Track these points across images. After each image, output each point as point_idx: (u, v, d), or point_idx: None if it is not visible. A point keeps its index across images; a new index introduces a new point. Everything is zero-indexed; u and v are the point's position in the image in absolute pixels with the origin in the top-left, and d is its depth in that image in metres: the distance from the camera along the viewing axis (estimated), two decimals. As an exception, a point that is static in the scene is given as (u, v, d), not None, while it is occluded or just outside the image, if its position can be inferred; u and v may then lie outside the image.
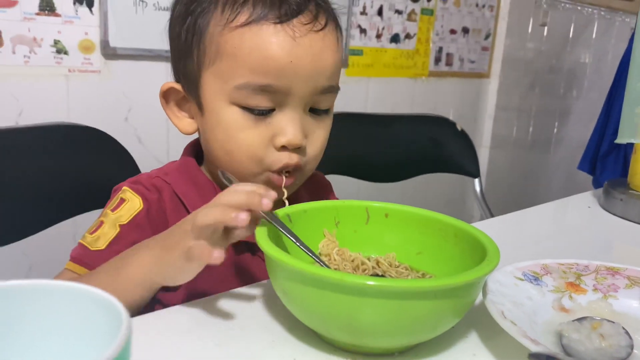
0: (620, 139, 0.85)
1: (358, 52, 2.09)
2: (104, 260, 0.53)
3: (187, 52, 0.60)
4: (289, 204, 0.55)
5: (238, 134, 0.57)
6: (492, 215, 1.38)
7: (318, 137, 0.61)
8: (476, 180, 1.42)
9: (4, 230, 0.89)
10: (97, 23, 1.49)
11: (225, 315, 0.49)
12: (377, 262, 0.52)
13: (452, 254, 0.49)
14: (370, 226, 0.55)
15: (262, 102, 0.56)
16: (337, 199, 0.79)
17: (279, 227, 0.47)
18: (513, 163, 2.94)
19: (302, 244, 0.48)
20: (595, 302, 0.52)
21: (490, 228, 0.85)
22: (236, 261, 0.61)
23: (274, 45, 0.54)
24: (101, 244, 0.57)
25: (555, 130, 3.17)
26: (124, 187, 0.62)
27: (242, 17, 0.55)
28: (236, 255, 0.61)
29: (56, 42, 1.45)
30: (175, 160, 0.66)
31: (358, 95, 2.16)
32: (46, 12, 1.41)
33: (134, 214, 0.59)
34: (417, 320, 0.39)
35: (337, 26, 0.61)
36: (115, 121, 1.56)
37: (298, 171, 0.60)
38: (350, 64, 2.07)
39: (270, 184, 0.58)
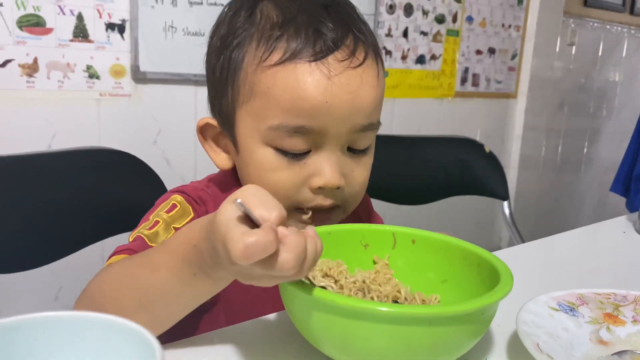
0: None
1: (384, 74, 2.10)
2: None
3: (222, 88, 0.58)
4: None
5: (271, 175, 0.55)
6: (522, 239, 1.35)
7: (358, 176, 0.58)
8: (505, 203, 1.39)
9: (36, 253, 0.91)
10: (127, 48, 1.53)
11: (261, 343, 0.48)
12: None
13: (475, 283, 0.48)
14: (397, 251, 0.55)
15: (297, 145, 0.54)
16: (377, 214, 0.77)
17: None
18: (542, 184, 2.89)
19: None
20: (635, 334, 0.50)
21: (521, 254, 0.84)
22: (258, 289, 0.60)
23: (308, 84, 0.52)
24: (160, 242, 0.55)
25: (585, 150, 3.12)
26: (174, 195, 0.61)
27: (276, 55, 0.53)
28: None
29: (89, 67, 1.48)
30: (214, 174, 0.66)
31: (384, 116, 2.15)
32: (80, 38, 1.46)
33: (188, 220, 0.58)
34: (411, 346, 0.39)
35: (378, 58, 0.58)
36: (144, 143, 1.59)
37: (335, 209, 0.58)
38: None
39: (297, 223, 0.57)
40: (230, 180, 0.63)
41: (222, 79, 0.57)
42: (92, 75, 1.50)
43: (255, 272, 0.37)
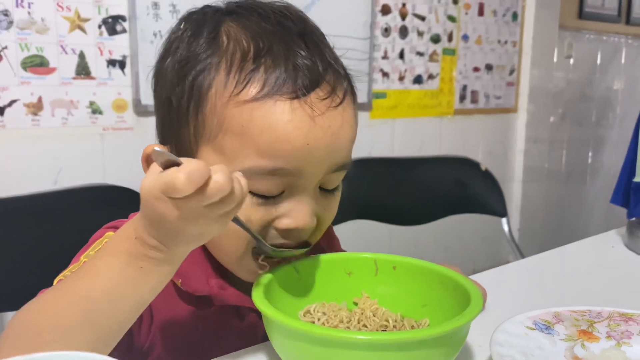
0: (639, 177, 0.85)
1: (381, 95, 2.13)
2: None
3: (180, 119, 0.51)
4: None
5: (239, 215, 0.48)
6: (521, 254, 1.36)
7: (327, 214, 0.55)
8: (504, 220, 1.41)
9: (41, 289, 0.93)
10: (129, 83, 1.57)
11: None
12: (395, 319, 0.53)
13: (452, 307, 0.50)
14: (379, 278, 0.57)
15: (270, 188, 0.49)
16: (338, 240, 0.72)
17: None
18: (548, 196, 2.89)
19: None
20: (609, 350, 0.52)
21: (512, 272, 0.85)
22: (220, 326, 0.57)
23: (289, 125, 0.47)
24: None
25: (589, 160, 3.12)
26: (108, 232, 0.56)
27: (253, 90, 0.47)
28: (220, 321, 0.57)
29: (91, 103, 1.53)
30: None
31: (384, 136, 2.19)
32: (82, 76, 1.51)
33: None
34: None
35: (353, 93, 0.53)
36: (148, 175, 1.63)
37: (298, 247, 0.54)
38: (374, 106, 2.11)
39: (250, 273, 0.53)
40: None
41: (181, 108, 0.51)
42: (95, 110, 1.54)
43: (199, 208, 0.37)
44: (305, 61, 0.49)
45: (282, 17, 0.52)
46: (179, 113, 0.51)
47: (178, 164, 0.37)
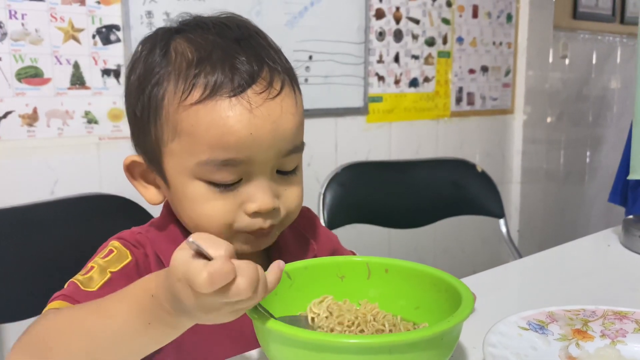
0: (633, 175, 0.85)
1: (377, 99, 2.13)
2: None
3: (144, 127, 0.58)
4: (273, 249, 0.57)
5: (205, 206, 0.56)
6: (519, 255, 1.36)
7: (290, 194, 0.60)
8: (501, 221, 1.41)
9: (43, 299, 0.93)
10: (124, 92, 1.57)
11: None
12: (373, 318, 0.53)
13: (444, 309, 0.50)
14: (371, 281, 0.57)
15: (226, 176, 0.55)
16: (326, 229, 0.78)
17: None
18: (547, 197, 2.89)
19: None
20: (603, 348, 0.51)
21: (508, 272, 0.85)
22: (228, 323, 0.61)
23: (231, 119, 0.53)
24: (94, 286, 0.55)
25: (587, 160, 3.12)
26: (112, 242, 0.61)
27: (196, 94, 0.54)
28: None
29: (87, 113, 1.53)
30: (157, 217, 0.67)
31: (381, 140, 2.19)
32: (77, 86, 1.51)
33: (125, 263, 0.58)
34: None
35: (294, 85, 0.59)
36: (145, 183, 1.63)
37: (272, 228, 0.60)
38: (370, 110, 2.11)
39: (247, 242, 0.59)
40: (167, 218, 0.63)
41: (143, 118, 0.58)
42: (91, 120, 1.54)
43: (215, 302, 0.39)
44: (241, 63, 0.55)
45: (222, 27, 0.59)
46: (142, 124, 0.58)
47: (208, 257, 0.39)
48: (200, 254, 0.39)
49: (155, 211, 1.03)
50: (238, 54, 0.56)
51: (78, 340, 0.45)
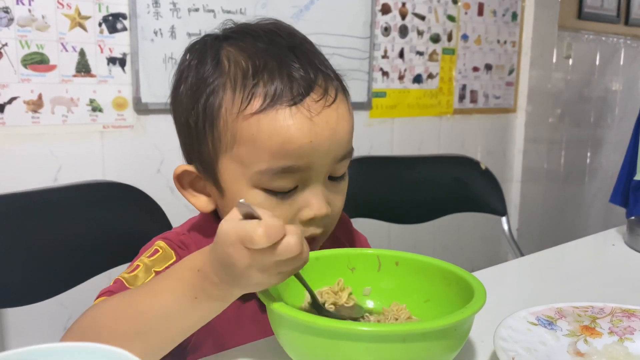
0: (639, 176, 0.85)
1: (381, 94, 2.13)
2: None
3: (199, 138, 0.59)
4: None
5: None
6: (521, 253, 1.36)
7: (338, 201, 0.62)
8: (503, 219, 1.41)
9: (44, 285, 0.94)
10: (129, 81, 1.57)
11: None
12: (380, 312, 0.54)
13: (455, 301, 0.50)
14: (382, 273, 0.57)
15: (285, 184, 0.56)
16: (357, 231, 0.79)
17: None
18: (547, 196, 2.90)
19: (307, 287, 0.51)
20: (611, 345, 0.52)
21: (512, 270, 0.85)
22: (263, 318, 0.59)
23: (291, 128, 0.54)
24: (139, 284, 0.57)
25: (588, 160, 3.13)
26: (157, 241, 0.63)
27: (256, 103, 0.55)
28: (262, 312, 0.61)
29: (92, 101, 1.53)
30: (194, 218, 0.68)
31: (384, 136, 2.19)
32: (82, 73, 1.50)
33: (169, 263, 0.60)
34: None
35: (345, 92, 0.61)
36: (148, 173, 1.63)
37: (320, 235, 0.61)
38: (373, 106, 2.11)
39: None
40: (210, 224, 0.64)
41: (198, 127, 0.58)
42: (95, 108, 1.54)
43: (269, 260, 0.41)
44: (297, 71, 0.56)
45: (273, 35, 0.59)
46: (197, 133, 0.59)
47: (257, 217, 0.42)
48: (248, 217, 0.42)
49: (162, 202, 1.03)
50: (293, 62, 0.57)
51: (127, 321, 0.47)
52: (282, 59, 0.56)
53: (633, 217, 0.92)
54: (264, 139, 0.54)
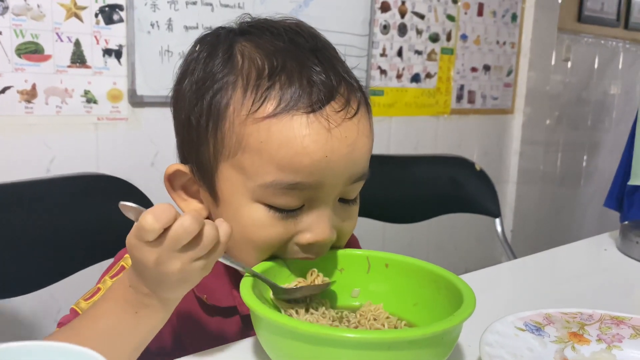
0: (634, 180, 0.85)
1: (379, 93, 2.13)
2: None
3: (200, 137, 0.53)
4: None
5: (259, 231, 0.51)
6: (514, 255, 1.36)
7: (347, 226, 0.56)
8: (497, 220, 1.41)
9: (34, 277, 0.93)
10: (124, 73, 1.56)
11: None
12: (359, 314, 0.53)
13: (444, 306, 0.49)
14: (371, 275, 0.57)
15: (291, 202, 0.50)
16: (354, 235, 0.75)
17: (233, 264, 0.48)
18: (542, 199, 2.90)
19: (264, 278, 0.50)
20: (599, 353, 0.51)
21: (503, 272, 0.85)
22: (246, 335, 0.58)
23: (307, 138, 0.47)
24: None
25: (584, 163, 3.13)
26: (125, 255, 0.57)
27: (269, 107, 0.48)
28: (246, 330, 0.59)
29: (86, 92, 1.52)
30: None
31: (380, 134, 2.18)
32: (77, 64, 1.49)
33: None
34: None
35: (368, 106, 0.54)
36: (142, 166, 1.62)
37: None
38: (371, 104, 2.10)
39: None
40: None
41: (200, 127, 0.52)
42: (90, 100, 1.53)
43: (169, 250, 0.41)
44: (319, 76, 0.50)
45: (294, 35, 0.53)
46: (198, 132, 0.52)
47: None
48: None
49: (156, 195, 1.03)
50: (315, 65, 0.50)
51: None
52: (302, 61, 0.50)
53: (626, 222, 0.91)
54: (273, 148, 0.48)
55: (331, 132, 0.48)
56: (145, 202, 1.02)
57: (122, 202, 0.41)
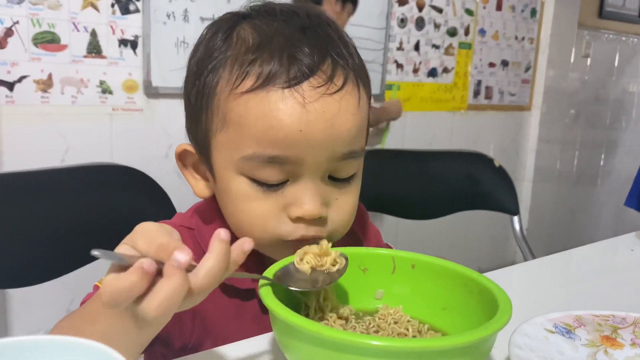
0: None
1: (394, 87, 2.10)
2: None
3: (197, 115, 0.54)
4: None
5: (246, 205, 0.52)
6: (532, 255, 1.33)
7: (342, 204, 0.55)
8: (515, 218, 1.38)
9: (47, 267, 0.92)
10: (140, 64, 1.55)
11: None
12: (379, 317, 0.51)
13: (476, 312, 0.46)
14: (396, 276, 0.54)
15: (272, 175, 0.51)
16: (372, 224, 0.74)
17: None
18: (558, 197, 2.86)
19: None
20: (633, 358, 0.49)
21: (529, 271, 0.83)
22: (264, 317, 0.57)
23: (281, 113, 0.49)
24: None
25: (602, 162, 3.08)
26: None
27: (248, 82, 0.50)
28: (263, 312, 0.58)
29: (102, 83, 1.51)
30: (199, 203, 0.63)
31: (395, 129, 2.16)
32: (93, 54, 1.48)
33: None
34: None
35: (360, 83, 0.54)
36: (156, 157, 1.61)
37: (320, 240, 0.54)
38: (387, 98, 2.08)
39: (284, 255, 0.53)
40: (213, 210, 0.60)
41: (196, 105, 0.54)
42: (105, 90, 1.52)
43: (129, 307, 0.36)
44: (301, 53, 0.51)
45: (290, 15, 0.54)
46: (195, 110, 0.54)
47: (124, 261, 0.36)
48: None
49: (169, 187, 1.01)
50: (300, 42, 0.51)
51: None
52: (289, 38, 0.51)
53: (653, 223, 0.88)
54: (251, 122, 0.50)
55: (306, 107, 0.50)
56: (159, 193, 1.01)
57: (92, 252, 0.35)
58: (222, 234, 0.38)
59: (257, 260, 0.57)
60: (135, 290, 0.35)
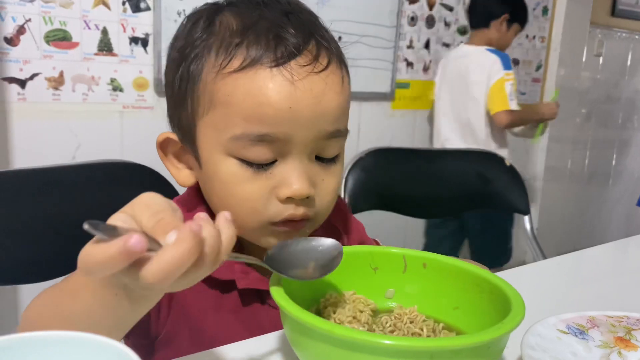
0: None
1: (405, 85, 2.09)
2: None
3: (181, 101, 0.55)
4: None
5: (236, 188, 0.53)
6: (543, 255, 1.32)
7: (328, 185, 0.56)
8: (526, 218, 1.37)
9: (58, 262, 0.93)
10: (150, 62, 1.56)
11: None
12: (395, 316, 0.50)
13: (488, 312, 0.46)
14: (407, 275, 0.54)
15: (261, 154, 0.52)
16: (354, 218, 0.74)
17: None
18: (568, 197, 2.84)
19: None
20: (647, 360, 0.49)
21: (539, 271, 0.82)
22: (243, 310, 0.58)
23: (270, 90, 0.50)
24: None
25: (613, 162, 3.06)
26: None
27: (236, 62, 0.51)
28: (243, 305, 0.58)
29: (112, 80, 1.52)
30: (182, 195, 0.63)
31: (404, 128, 2.15)
32: (104, 52, 1.49)
33: None
34: None
35: (342, 65, 0.56)
36: (166, 155, 1.61)
37: (306, 222, 0.55)
38: (396, 97, 2.07)
39: (277, 236, 0.55)
40: (194, 198, 0.60)
41: (180, 91, 0.55)
42: (116, 88, 1.53)
43: (133, 283, 0.34)
44: (286, 34, 0.52)
45: (271, 2, 0.56)
46: (179, 96, 0.55)
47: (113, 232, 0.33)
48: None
49: (177, 184, 1.02)
50: (285, 25, 0.53)
51: (55, 324, 0.40)
52: (274, 21, 0.53)
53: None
54: (238, 100, 0.50)
55: (295, 84, 0.51)
56: (169, 191, 1.01)
57: (85, 226, 0.32)
58: (202, 215, 0.37)
59: (238, 251, 0.57)
60: (111, 266, 0.32)
